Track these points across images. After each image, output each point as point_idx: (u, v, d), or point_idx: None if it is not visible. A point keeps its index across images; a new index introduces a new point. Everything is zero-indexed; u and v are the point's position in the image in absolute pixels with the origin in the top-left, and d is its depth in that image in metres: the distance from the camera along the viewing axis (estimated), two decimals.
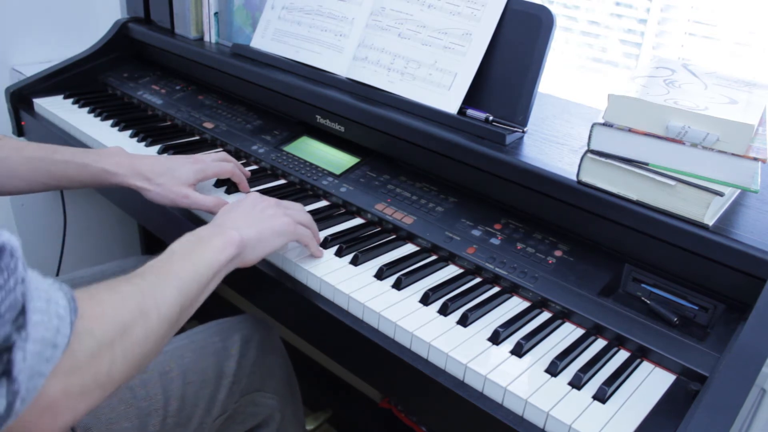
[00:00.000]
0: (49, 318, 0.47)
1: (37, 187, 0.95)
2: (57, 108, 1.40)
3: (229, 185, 1.09)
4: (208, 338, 0.96)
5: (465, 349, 0.75)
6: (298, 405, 1.08)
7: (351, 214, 1.05)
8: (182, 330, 1.18)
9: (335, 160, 1.14)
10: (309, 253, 0.91)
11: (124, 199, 1.24)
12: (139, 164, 0.96)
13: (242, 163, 1.19)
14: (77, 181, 0.95)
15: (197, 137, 1.30)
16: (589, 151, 0.85)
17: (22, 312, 0.45)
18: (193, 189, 0.96)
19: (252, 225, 0.81)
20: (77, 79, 1.50)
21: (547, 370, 0.73)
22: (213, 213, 0.94)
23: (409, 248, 0.97)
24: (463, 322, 0.80)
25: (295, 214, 0.88)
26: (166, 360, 0.89)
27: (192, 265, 0.70)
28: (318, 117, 1.18)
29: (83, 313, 0.51)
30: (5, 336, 0.44)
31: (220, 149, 1.25)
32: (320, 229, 0.98)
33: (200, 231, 0.78)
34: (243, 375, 0.95)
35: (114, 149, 0.99)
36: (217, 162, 1.01)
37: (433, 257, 0.94)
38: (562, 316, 0.83)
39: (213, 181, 1.09)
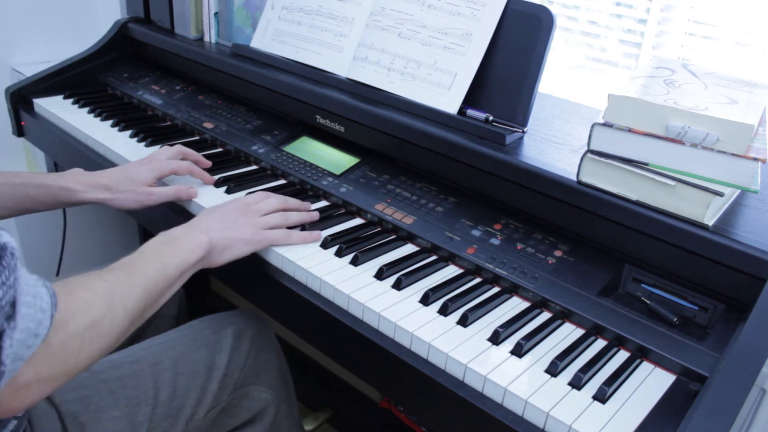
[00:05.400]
0: (34, 311, 0.54)
1: (1, 213, 0.97)
2: (57, 108, 1.40)
3: (229, 185, 1.09)
4: (200, 331, 0.96)
5: (465, 349, 0.75)
6: (293, 401, 1.08)
7: (351, 214, 1.05)
8: (175, 324, 1.19)
9: (335, 160, 1.14)
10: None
11: None
12: (98, 178, 1.01)
13: (242, 163, 1.19)
14: (39, 201, 0.98)
15: (197, 137, 1.30)
16: (589, 151, 0.85)
17: (13, 304, 0.52)
18: (153, 187, 1.03)
19: (223, 231, 0.88)
20: (77, 79, 1.50)
21: (547, 371, 0.73)
22: (180, 200, 1.04)
23: (409, 248, 0.97)
24: (463, 322, 0.80)
25: (264, 220, 0.93)
26: (156, 351, 0.90)
27: (161, 265, 0.76)
28: (318, 117, 1.18)
29: (61, 307, 0.58)
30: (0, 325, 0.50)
31: (220, 149, 1.25)
32: (320, 229, 0.98)
33: (173, 231, 0.84)
34: (235, 368, 0.95)
35: (74, 170, 1.04)
36: (172, 161, 1.06)
37: (433, 257, 0.94)
38: (562, 316, 0.83)
39: (212, 181, 1.10)
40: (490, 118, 1.02)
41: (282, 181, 1.14)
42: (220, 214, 0.91)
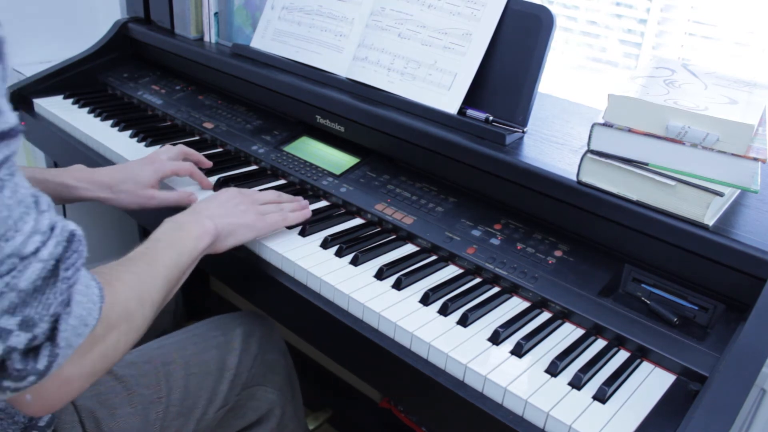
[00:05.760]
0: (86, 300, 0.55)
1: None
2: (57, 108, 1.40)
3: (230, 186, 1.09)
4: (210, 332, 0.97)
5: (465, 349, 0.75)
6: (299, 402, 1.08)
7: (351, 215, 1.05)
8: (173, 319, 1.19)
9: (335, 160, 1.14)
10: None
11: None
12: (99, 176, 1.00)
13: (242, 163, 1.19)
14: None
15: (197, 137, 1.30)
16: (589, 151, 0.85)
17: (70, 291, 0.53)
18: (156, 189, 1.02)
19: (225, 217, 0.88)
20: (77, 79, 1.50)
21: (547, 371, 0.73)
22: (182, 206, 1.00)
23: (409, 248, 0.97)
24: (463, 322, 0.80)
25: (263, 208, 0.95)
26: (168, 352, 0.91)
27: (176, 253, 0.77)
28: (318, 117, 1.18)
29: (107, 300, 0.59)
30: (60, 305, 0.51)
31: (220, 149, 1.25)
32: (320, 230, 0.98)
33: (180, 218, 0.85)
34: (244, 368, 0.96)
35: (75, 166, 1.03)
36: (173, 161, 1.06)
37: (433, 257, 0.94)
38: (562, 316, 0.83)
39: (210, 187, 1.10)
40: (490, 118, 1.02)
41: (282, 181, 1.14)
42: (220, 201, 0.91)
